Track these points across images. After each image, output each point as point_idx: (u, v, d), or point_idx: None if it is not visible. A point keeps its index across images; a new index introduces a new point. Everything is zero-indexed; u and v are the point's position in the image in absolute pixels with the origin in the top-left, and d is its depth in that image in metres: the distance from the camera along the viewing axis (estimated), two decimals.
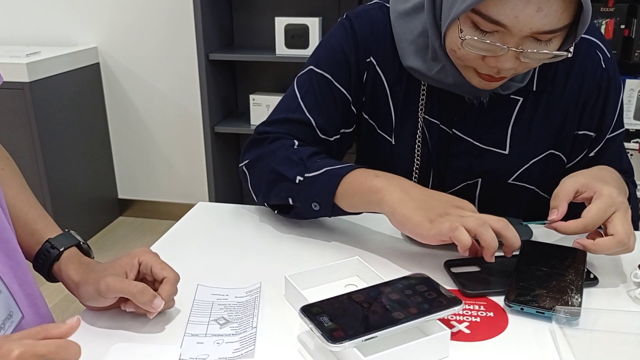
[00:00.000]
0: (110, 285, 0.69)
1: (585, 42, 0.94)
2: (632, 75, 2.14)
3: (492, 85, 0.88)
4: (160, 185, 2.99)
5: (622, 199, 0.79)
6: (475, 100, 0.95)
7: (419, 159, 1.01)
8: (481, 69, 0.84)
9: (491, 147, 0.98)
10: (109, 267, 0.72)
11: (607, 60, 0.95)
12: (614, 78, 0.96)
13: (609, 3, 2.04)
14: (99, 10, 2.71)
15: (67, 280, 0.75)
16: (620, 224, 0.77)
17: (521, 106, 0.96)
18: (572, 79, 0.95)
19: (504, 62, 0.80)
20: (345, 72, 0.99)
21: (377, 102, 1.01)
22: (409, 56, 0.94)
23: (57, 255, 0.75)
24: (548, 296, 0.72)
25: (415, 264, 0.83)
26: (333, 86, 0.99)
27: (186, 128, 2.83)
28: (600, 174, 0.86)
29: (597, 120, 0.97)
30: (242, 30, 2.60)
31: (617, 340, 0.67)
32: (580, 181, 0.82)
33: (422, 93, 0.98)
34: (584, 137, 0.98)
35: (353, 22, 0.99)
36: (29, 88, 2.35)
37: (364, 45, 0.98)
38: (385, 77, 0.99)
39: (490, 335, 0.68)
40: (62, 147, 2.57)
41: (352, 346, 0.60)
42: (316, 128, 0.99)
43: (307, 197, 0.88)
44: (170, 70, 2.74)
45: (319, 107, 0.99)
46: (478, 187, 1.01)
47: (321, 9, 2.46)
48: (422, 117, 0.99)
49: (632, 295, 0.76)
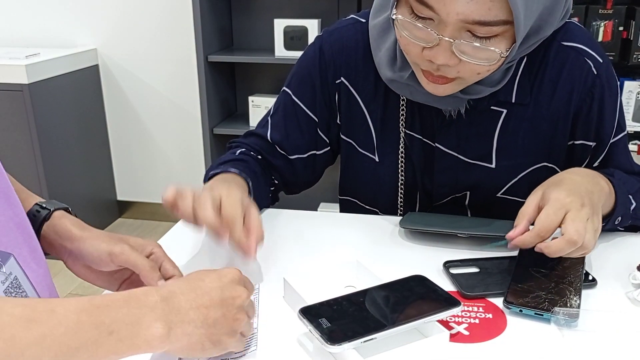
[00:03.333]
0: (126, 252, 0.68)
1: (573, 51, 0.91)
2: (631, 77, 2.15)
3: (441, 90, 0.85)
4: (159, 187, 2.98)
5: (571, 198, 0.76)
6: (453, 112, 0.93)
7: (404, 175, 1.00)
8: (422, 64, 0.82)
9: (477, 160, 0.96)
10: (122, 238, 0.71)
11: (599, 66, 0.91)
12: (608, 82, 0.92)
13: (607, 5, 2.05)
14: (98, 12, 2.71)
15: (63, 232, 0.71)
16: (571, 223, 0.74)
17: (505, 118, 0.94)
18: (559, 90, 0.92)
19: (438, 54, 0.78)
20: (310, 95, 1.01)
21: (354, 122, 1.01)
22: (383, 66, 0.93)
23: (48, 214, 0.72)
24: (547, 298, 0.72)
25: (414, 266, 0.83)
26: (299, 109, 1.02)
27: (185, 130, 2.83)
28: (556, 179, 0.83)
29: (595, 129, 0.94)
30: (242, 32, 2.60)
31: (615, 341, 0.67)
32: (538, 195, 0.80)
33: (401, 108, 0.97)
34: (582, 147, 0.96)
35: (323, 43, 1.00)
36: (28, 90, 2.35)
37: (332, 67, 0.99)
38: (360, 95, 0.99)
39: (489, 336, 0.68)
40: (61, 149, 2.57)
41: (351, 348, 0.60)
42: (274, 144, 1.03)
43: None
44: (170, 72, 2.75)
45: (281, 127, 1.03)
46: (467, 199, 1.00)
47: (320, 11, 2.46)
48: (404, 132, 0.98)
49: (630, 297, 0.76)
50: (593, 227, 0.76)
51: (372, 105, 0.99)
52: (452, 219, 0.94)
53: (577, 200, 0.76)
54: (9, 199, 0.63)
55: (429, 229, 0.89)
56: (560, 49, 0.91)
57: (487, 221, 0.93)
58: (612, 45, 2.06)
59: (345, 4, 2.44)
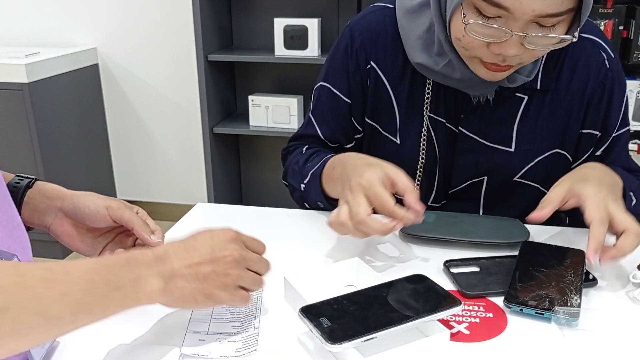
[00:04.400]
0: (122, 207, 0.74)
1: (590, 42, 0.96)
2: (631, 77, 2.14)
3: (499, 77, 0.88)
4: (159, 186, 2.98)
5: (604, 194, 0.80)
6: (481, 97, 0.96)
7: (424, 158, 1.02)
8: (486, 57, 0.84)
9: (497, 144, 0.99)
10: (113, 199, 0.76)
11: (611, 60, 0.96)
12: (618, 77, 0.97)
13: (608, 4, 2.05)
14: (98, 11, 2.70)
15: (52, 193, 0.74)
16: (623, 217, 0.77)
17: (526, 104, 0.97)
18: (576, 78, 0.95)
19: (509, 48, 0.80)
20: (347, 84, 1.03)
21: (379, 105, 1.03)
22: (416, 52, 0.95)
23: (31, 182, 0.74)
24: (547, 297, 0.72)
25: (415, 265, 0.84)
26: (340, 100, 1.04)
27: (185, 129, 2.83)
28: (581, 174, 0.86)
29: (602, 119, 0.98)
30: (241, 31, 2.60)
31: (616, 340, 0.67)
32: (564, 187, 0.83)
33: (427, 91, 0.99)
34: (588, 136, 0.99)
35: (353, 30, 1.02)
36: (27, 89, 2.34)
37: (363, 52, 1.01)
38: (387, 78, 1.01)
39: (489, 336, 0.68)
40: (61, 148, 2.57)
41: (352, 347, 0.60)
42: (325, 140, 1.07)
43: (312, 199, 1.00)
44: (170, 71, 2.74)
45: (326, 120, 1.06)
46: (484, 185, 1.02)
47: (320, 10, 2.46)
48: (428, 115, 1.00)
49: (631, 296, 0.76)
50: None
51: (399, 88, 1.01)
52: (452, 220, 0.93)
53: (609, 196, 0.80)
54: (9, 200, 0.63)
55: (428, 236, 0.89)
56: (579, 39, 0.93)
57: (487, 221, 0.92)
58: (612, 45, 2.06)
59: (345, 3, 2.44)
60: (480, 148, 0.99)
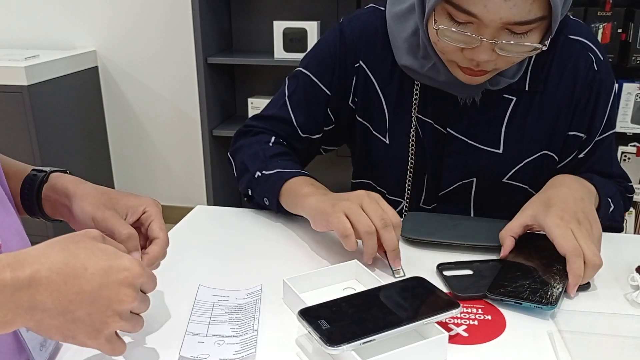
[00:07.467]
0: (107, 218, 0.67)
1: (578, 44, 0.96)
2: (630, 79, 2.15)
3: (477, 80, 0.89)
4: (158, 189, 2.98)
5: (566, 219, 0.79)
6: (468, 99, 0.96)
7: (414, 159, 1.02)
8: (461, 62, 0.86)
9: (486, 146, 0.99)
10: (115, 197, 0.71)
11: (600, 62, 0.96)
12: (606, 80, 0.97)
13: (606, 7, 2.05)
14: (97, 14, 2.71)
15: (61, 190, 0.71)
16: (585, 247, 0.76)
17: (514, 106, 0.97)
18: (564, 80, 0.96)
19: (480, 54, 0.82)
20: (329, 76, 1.03)
21: (369, 104, 1.03)
22: (403, 55, 0.97)
23: (45, 176, 0.72)
24: (529, 288, 0.74)
25: (413, 267, 0.84)
26: (318, 89, 1.04)
27: (185, 131, 2.83)
28: (543, 198, 0.86)
29: (588, 122, 0.98)
30: (241, 33, 2.60)
31: (614, 343, 0.68)
32: (527, 215, 0.84)
33: (415, 93, 1.00)
34: (574, 138, 0.99)
35: (344, 27, 1.03)
36: (27, 91, 2.35)
37: (352, 50, 1.02)
38: (376, 79, 1.02)
39: (488, 338, 0.69)
40: (61, 151, 2.57)
41: (350, 349, 0.60)
42: (297, 126, 1.05)
43: (260, 191, 0.98)
44: (169, 74, 2.75)
45: (302, 106, 1.05)
46: (473, 186, 1.02)
47: (319, 13, 2.47)
48: (416, 116, 1.00)
49: (629, 299, 0.76)
50: (593, 239, 0.79)
51: (388, 89, 1.01)
52: (450, 222, 0.94)
53: (572, 221, 0.79)
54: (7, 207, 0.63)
55: (426, 239, 0.89)
56: (567, 41, 0.96)
57: (484, 225, 0.93)
58: (611, 48, 2.06)
59: (344, 6, 2.44)
60: (469, 149, 1.00)
